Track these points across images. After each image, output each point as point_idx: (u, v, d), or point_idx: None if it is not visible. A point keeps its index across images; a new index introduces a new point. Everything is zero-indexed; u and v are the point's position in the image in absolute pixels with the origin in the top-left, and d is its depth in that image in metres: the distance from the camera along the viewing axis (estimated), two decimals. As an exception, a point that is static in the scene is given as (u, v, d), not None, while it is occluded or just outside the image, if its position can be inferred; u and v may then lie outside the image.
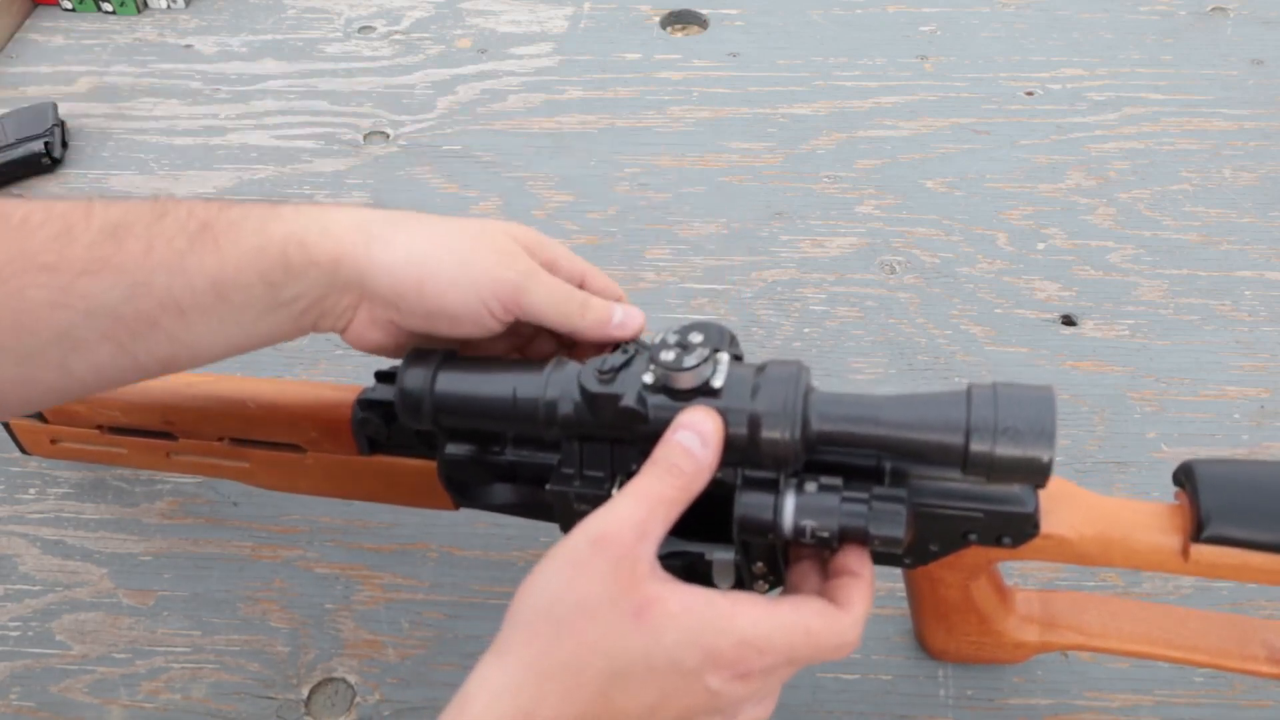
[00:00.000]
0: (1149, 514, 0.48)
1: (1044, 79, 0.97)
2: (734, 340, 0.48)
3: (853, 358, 0.75)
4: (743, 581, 0.47)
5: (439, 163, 0.92)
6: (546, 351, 0.54)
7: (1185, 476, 0.48)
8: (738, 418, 0.44)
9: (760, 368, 0.45)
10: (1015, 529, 0.47)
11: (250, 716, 0.59)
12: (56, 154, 0.91)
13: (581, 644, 0.40)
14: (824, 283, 0.81)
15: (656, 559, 0.42)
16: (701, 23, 1.06)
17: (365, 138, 0.94)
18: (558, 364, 0.48)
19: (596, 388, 0.45)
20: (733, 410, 0.44)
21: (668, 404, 0.45)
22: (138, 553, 0.66)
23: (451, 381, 0.49)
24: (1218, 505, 0.46)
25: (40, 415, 0.62)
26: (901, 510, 0.44)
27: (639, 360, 0.46)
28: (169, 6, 1.09)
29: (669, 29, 1.06)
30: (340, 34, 1.06)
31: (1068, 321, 0.77)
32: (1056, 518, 0.48)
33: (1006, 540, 0.47)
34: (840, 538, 0.44)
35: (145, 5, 1.09)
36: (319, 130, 0.95)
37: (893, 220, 0.85)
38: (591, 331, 0.50)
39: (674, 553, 0.45)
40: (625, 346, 0.47)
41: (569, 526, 0.43)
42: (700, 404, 0.44)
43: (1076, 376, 0.73)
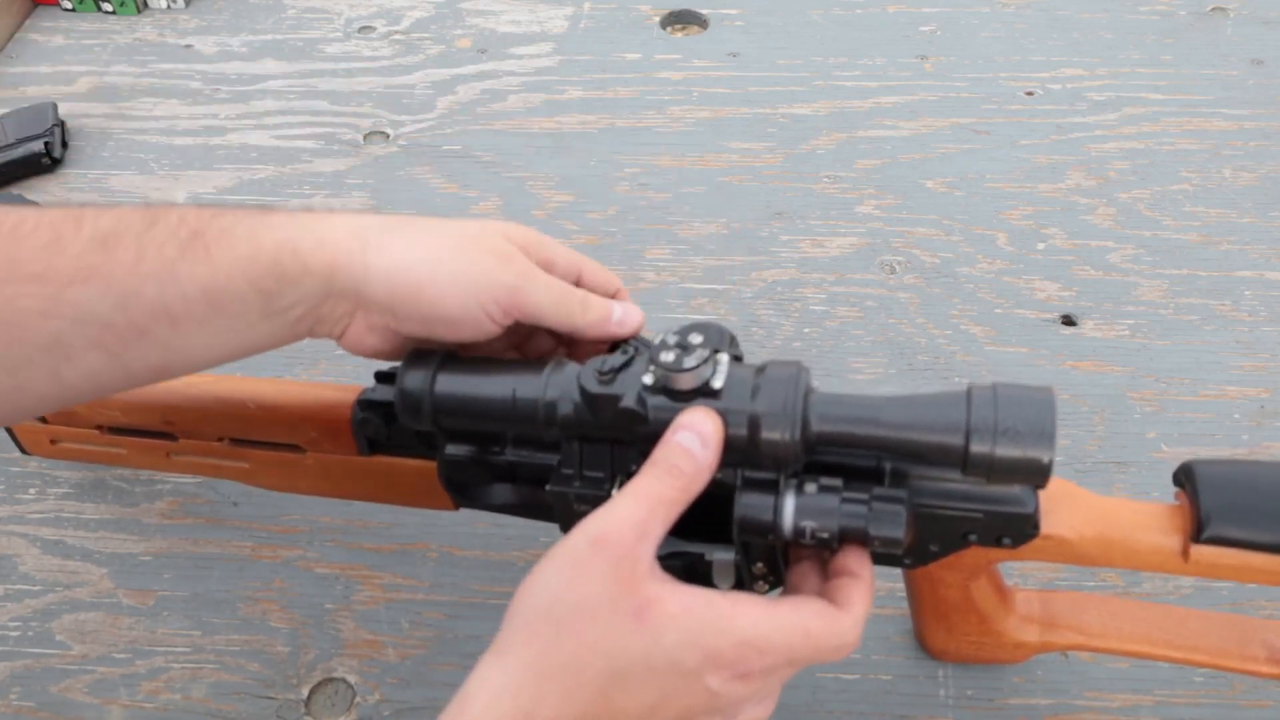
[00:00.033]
0: (1149, 514, 0.48)
1: (1044, 79, 0.97)
2: (734, 341, 0.48)
3: (853, 358, 0.75)
4: (743, 582, 0.47)
5: (439, 163, 0.92)
6: (545, 349, 0.54)
7: (1185, 477, 0.48)
8: (738, 418, 0.44)
9: (760, 368, 0.45)
10: (1015, 530, 0.47)
11: (250, 716, 0.59)
12: (56, 154, 0.91)
13: (581, 644, 0.40)
14: (824, 283, 0.81)
15: (656, 559, 0.42)
16: (701, 23, 1.06)
17: (365, 138, 0.94)
18: (557, 365, 0.48)
19: (596, 388, 0.45)
20: (733, 411, 0.44)
21: (667, 405, 0.45)
22: (138, 553, 0.66)
23: (451, 383, 0.49)
24: (1218, 506, 0.46)
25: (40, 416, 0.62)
26: (901, 511, 0.44)
27: (639, 361, 0.46)
28: (169, 6, 1.09)
29: (669, 29, 1.06)
30: (340, 34, 1.06)
31: (1068, 321, 0.77)
32: (1056, 518, 0.48)
33: (1006, 541, 0.47)
34: (840, 538, 0.44)
35: (145, 5, 1.09)
36: (319, 130, 0.95)
37: (893, 220, 0.85)
38: (591, 330, 0.50)
39: (674, 553, 0.45)
40: (625, 347, 0.47)
41: (569, 527, 0.43)
42: (700, 405, 0.44)
43: (1076, 376, 0.73)
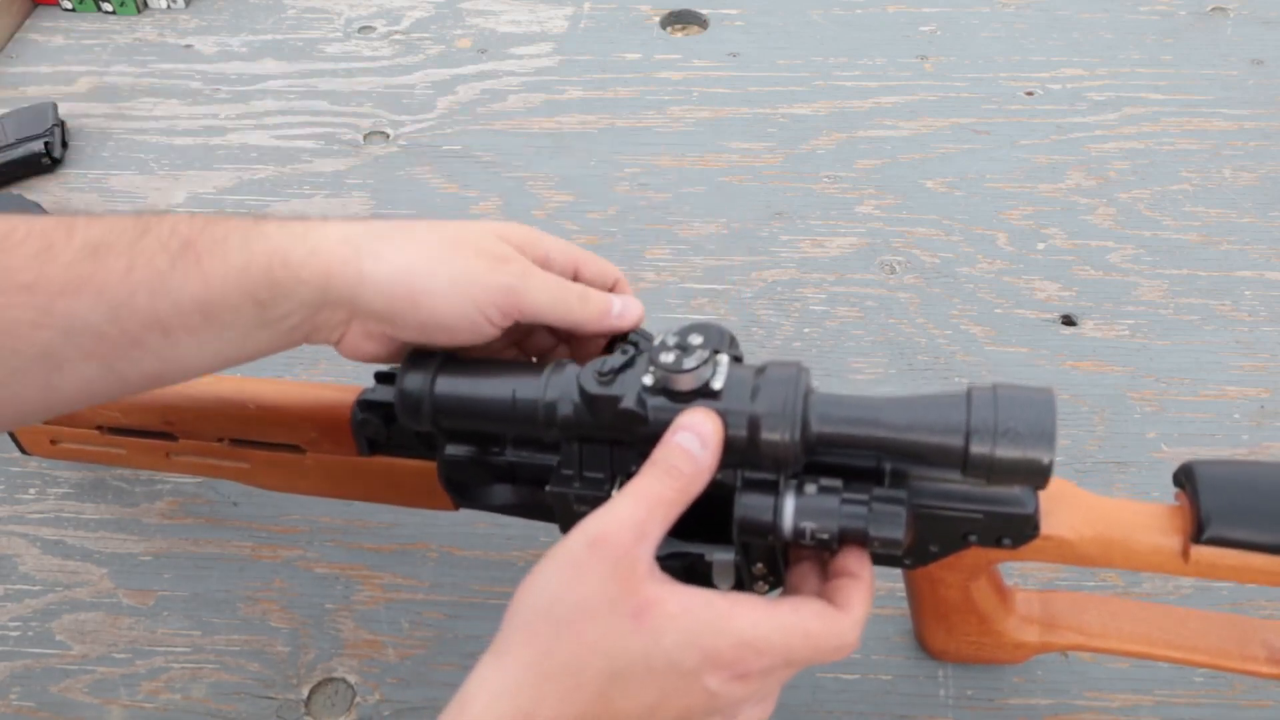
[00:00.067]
0: (1149, 515, 0.48)
1: (1044, 79, 0.97)
2: (734, 341, 0.48)
3: (853, 358, 0.75)
4: (743, 582, 0.47)
5: (439, 163, 0.92)
6: (545, 346, 0.54)
7: (1185, 477, 0.48)
8: (737, 419, 0.44)
9: (760, 369, 0.45)
10: (1015, 530, 0.47)
11: (250, 716, 0.59)
12: (56, 154, 0.91)
13: (581, 644, 0.40)
14: (824, 283, 0.81)
15: (655, 560, 0.42)
16: (701, 23, 1.06)
17: (365, 138, 0.94)
18: (557, 366, 0.48)
19: (596, 389, 0.45)
20: (732, 412, 0.44)
21: (667, 406, 0.45)
22: (138, 553, 0.66)
23: (451, 384, 0.48)
24: (1218, 506, 0.46)
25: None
26: (901, 512, 0.44)
27: (639, 362, 0.46)
28: (169, 6, 1.09)
29: (669, 29, 1.06)
30: (340, 34, 1.06)
31: (1068, 321, 0.77)
32: (1056, 519, 0.48)
33: (1006, 541, 0.47)
34: (840, 539, 0.44)
35: (145, 5, 1.09)
36: (319, 130, 0.95)
37: (893, 220, 0.85)
38: (591, 324, 0.50)
39: (674, 554, 0.45)
40: (625, 347, 0.47)
41: (568, 527, 0.43)
42: (700, 406, 0.44)
43: (1076, 376, 0.73)
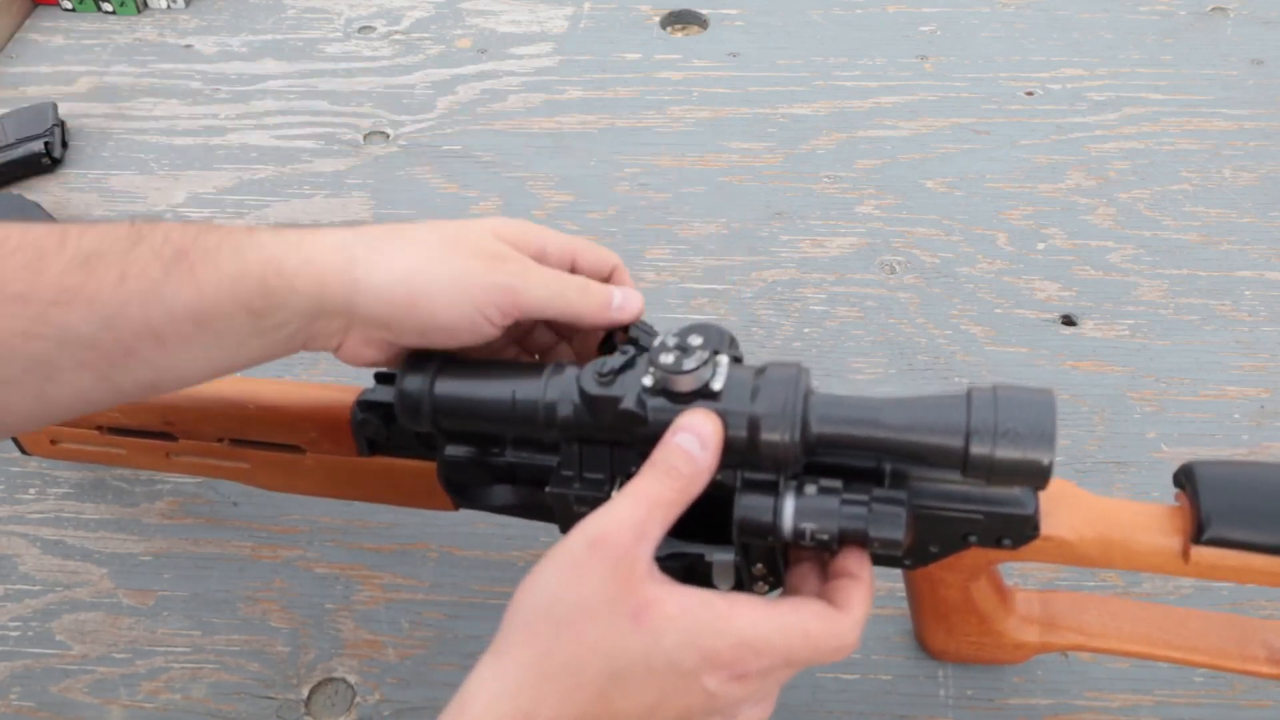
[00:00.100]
0: (1149, 516, 0.48)
1: (1044, 79, 0.97)
2: (734, 342, 0.48)
3: (853, 358, 0.75)
4: (742, 583, 0.47)
5: (439, 163, 0.92)
6: (545, 342, 0.54)
7: (1186, 478, 0.48)
8: (737, 420, 0.44)
9: (760, 370, 0.45)
10: (1015, 531, 0.47)
11: (250, 716, 0.59)
12: (56, 154, 0.91)
13: (581, 644, 0.40)
14: (824, 283, 0.81)
15: (654, 561, 0.42)
16: (701, 23, 1.06)
17: (365, 138, 0.94)
18: (557, 367, 0.48)
19: (596, 390, 0.45)
20: (732, 413, 0.44)
21: (667, 406, 0.45)
22: (138, 553, 0.66)
23: (450, 385, 0.48)
24: (1218, 507, 0.46)
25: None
26: (901, 513, 0.44)
27: (638, 363, 0.46)
28: (169, 6, 1.09)
29: (669, 29, 1.06)
30: (340, 34, 1.06)
31: (1068, 321, 0.77)
32: (1056, 519, 0.48)
33: (1006, 542, 0.47)
34: (840, 540, 0.44)
35: (145, 5, 1.09)
36: (319, 130, 0.95)
37: (893, 220, 0.85)
38: (592, 317, 0.49)
39: (674, 554, 0.45)
40: (625, 348, 0.47)
41: (568, 528, 0.43)
42: (699, 406, 0.44)
43: (1076, 376, 0.73)
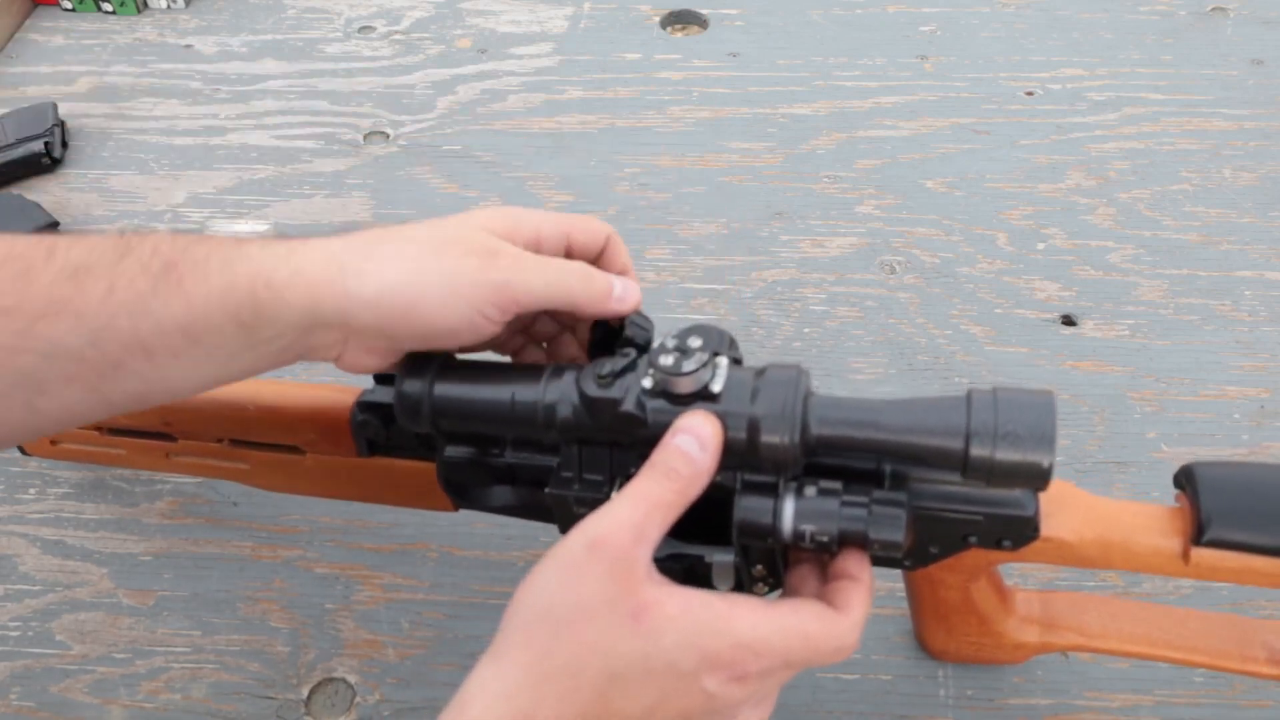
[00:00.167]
0: (1149, 517, 0.48)
1: (1044, 79, 0.97)
2: (733, 343, 0.47)
3: (853, 358, 0.75)
4: (742, 584, 0.47)
5: (439, 163, 0.92)
6: (550, 330, 0.54)
7: (1186, 479, 0.48)
8: (737, 422, 0.44)
9: (760, 372, 0.45)
10: (1015, 532, 0.47)
11: (250, 716, 0.59)
12: (56, 154, 0.91)
13: (580, 645, 0.40)
14: (824, 283, 0.81)
15: (653, 562, 0.42)
16: (701, 23, 1.06)
17: (365, 138, 0.94)
18: (556, 369, 0.48)
19: (595, 392, 0.45)
20: (732, 414, 0.44)
21: (667, 408, 0.44)
22: (138, 553, 0.66)
23: (449, 387, 0.48)
24: (1219, 508, 0.46)
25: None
26: (901, 514, 0.44)
27: (638, 365, 0.46)
28: (169, 6, 1.09)
29: (669, 29, 1.06)
30: (340, 34, 1.06)
31: (1068, 321, 0.77)
32: (1056, 520, 0.47)
33: (1006, 543, 0.47)
34: (839, 542, 0.44)
35: (145, 5, 1.09)
36: (319, 130, 0.95)
37: (893, 220, 0.85)
38: (592, 307, 0.49)
39: (674, 555, 0.45)
40: (625, 349, 0.47)
41: (568, 529, 0.42)
42: (699, 408, 0.44)
43: (1076, 376, 0.73)
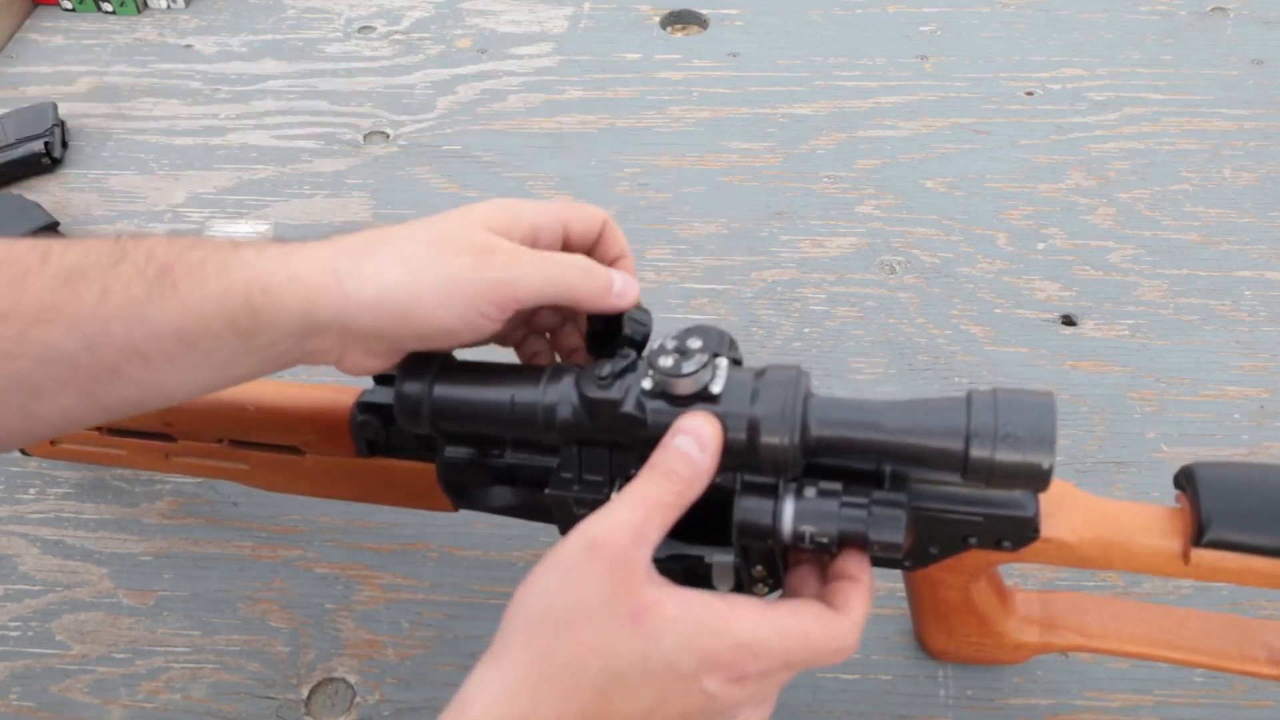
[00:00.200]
0: (1149, 517, 0.48)
1: (1044, 79, 0.97)
2: (733, 344, 0.47)
3: (853, 358, 0.75)
4: (742, 585, 0.47)
5: (439, 163, 0.92)
6: (552, 322, 0.54)
7: (1186, 480, 0.48)
8: (736, 423, 0.44)
9: (759, 372, 0.45)
10: (1015, 533, 0.47)
11: (250, 716, 0.59)
12: (56, 154, 0.91)
13: (580, 646, 0.40)
14: (824, 283, 0.81)
15: (653, 563, 0.42)
16: (701, 23, 1.06)
17: (365, 138, 0.94)
18: (556, 370, 0.48)
19: (595, 393, 0.45)
20: (731, 415, 0.44)
21: (666, 409, 0.44)
22: (138, 553, 0.66)
23: (449, 388, 0.48)
24: (1219, 509, 0.46)
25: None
26: (901, 515, 0.44)
27: (638, 366, 0.46)
28: (169, 6, 1.09)
29: (669, 29, 1.06)
30: (340, 34, 1.06)
31: (1068, 321, 0.77)
32: (1057, 521, 0.47)
33: (1006, 544, 0.47)
34: (839, 543, 0.44)
35: (145, 5, 1.09)
36: (319, 130, 0.95)
37: (893, 220, 0.85)
38: (592, 301, 0.49)
39: (673, 556, 0.45)
40: (625, 350, 0.47)
41: (568, 529, 0.42)
42: (699, 409, 0.44)
43: (1076, 376, 0.73)
